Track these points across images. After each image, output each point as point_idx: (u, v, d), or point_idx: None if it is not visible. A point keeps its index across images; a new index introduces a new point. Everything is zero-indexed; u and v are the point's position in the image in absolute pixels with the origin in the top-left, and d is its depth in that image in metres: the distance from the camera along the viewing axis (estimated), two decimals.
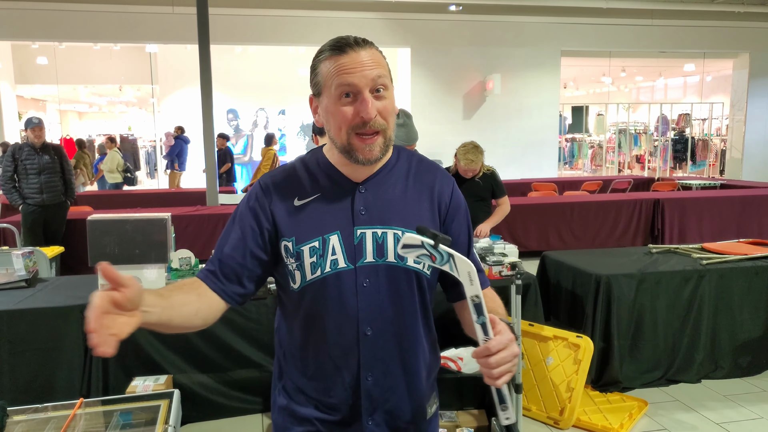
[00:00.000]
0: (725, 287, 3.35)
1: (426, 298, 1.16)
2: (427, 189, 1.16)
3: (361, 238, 1.09)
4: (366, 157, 1.06)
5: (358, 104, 1.03)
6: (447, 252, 0.91)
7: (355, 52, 1.03)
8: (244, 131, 11.39)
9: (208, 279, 1.10)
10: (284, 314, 1.18)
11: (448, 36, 10.39)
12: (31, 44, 10.14)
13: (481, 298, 0.92)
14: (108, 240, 2.68)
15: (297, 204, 1.11)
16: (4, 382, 2.66)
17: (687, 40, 11.23)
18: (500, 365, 0.92)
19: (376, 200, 1.11)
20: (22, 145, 5.12)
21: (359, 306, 1.08)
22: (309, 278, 1.08)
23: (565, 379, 2.87)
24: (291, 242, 1.09)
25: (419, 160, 1.20)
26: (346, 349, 1.10)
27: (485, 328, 0.92)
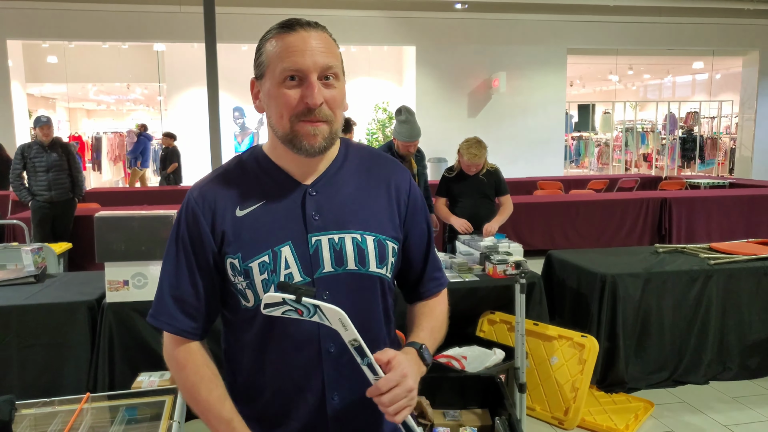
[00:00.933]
0: (733, 287, 3.32)
1: (388, 304, 1.09)
2: (383, 184, 1.06)
3: (317, 246, 0.98)
4: (310, 143, 0.95)
5: (304, 89, 0.93)
6: (312, 304, 0.87)
7: (305, 31, 0.94)
8: (249, 129, 11.42)
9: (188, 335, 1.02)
10: (232, 335, 1.06)
11: (453, 34, 10.36)
12: (42, 43, 10.21)
13: (359, 341, 0.89)
14: (115, 236, 2.70)
15: (239, 214, 0.99)
16: (12, 376, 2.69)
17: (695, 38, 11.14)
18: (394, 402, 0.89)
19: (329, 202, 1.01)
20: (30, 144, 5.17)
21: (320, 323, 0.97)
22: (262, 297, 0.95)
23: (570, 379, 2.86)
24: (237, 259, 0.98)
25: (370, 153, 1.11)
26: (307, 369, 1.00)
27: (372, 368, 0.91)
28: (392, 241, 1.05)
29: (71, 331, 2.75)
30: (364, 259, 1.01)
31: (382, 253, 1.03)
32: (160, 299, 1.03)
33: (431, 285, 1.16)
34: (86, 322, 2.76)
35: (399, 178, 1.09)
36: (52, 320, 2.73)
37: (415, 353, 1.00)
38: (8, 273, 3.20)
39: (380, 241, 1.03)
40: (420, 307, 1.15)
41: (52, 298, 2.82)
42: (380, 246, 1.03)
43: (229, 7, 9.00)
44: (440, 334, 1.12)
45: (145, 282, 2.78)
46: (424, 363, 1.01)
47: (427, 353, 1.02)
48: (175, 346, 1.03)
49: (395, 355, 0.93)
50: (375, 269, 1.02)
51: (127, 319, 2.77)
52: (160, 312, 1.02)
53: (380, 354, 0.92)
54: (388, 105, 11.36)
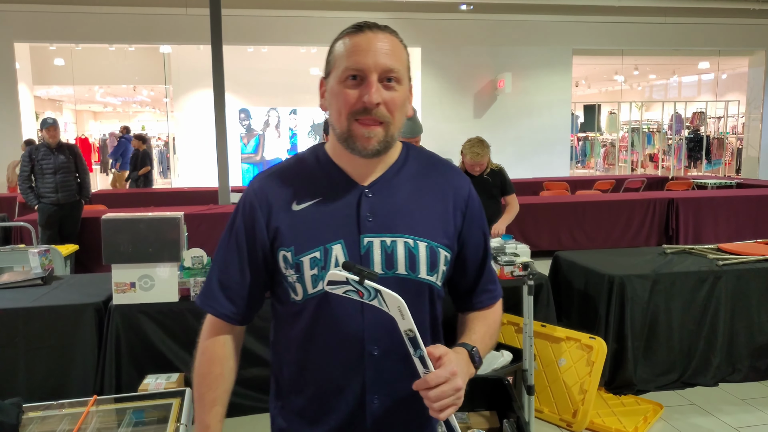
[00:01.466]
0: (742, 288, 3.30)
1: (437, 312, 1.08)
2: (441, 191, 1.05)
3: (368, 247, 0.98)
4: (363, 145, 0.95)
5: (363, 87, 0.94)
6: (374, 288, 0.87)
7: (372, 33, 0.96)
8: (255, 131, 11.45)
9: (227, 319, 1.06)
10: (280, 328, 1.08)
11: (458, 35, 10.35)
12: (49, 46, 10.28)
13: (415, 332, 0.88)
14: (122, 239, 2.71)
15: (295, 209, 1.01)
16: (19, 378, 2.70)
17: (701, 38, 11.08)
18: (440, 399, 0.88)
19: (384, 205, 1.01)
20: (38, 146, 5.20)
21: (365, 324, 0.98)
22: (310, 292, 0.99)
23: (578, 380, 2.84)
24: (290, 252, 0.99)
25: (430, 158, 1.10)
26: (349, 370, 1.00)
27: (424, 361, 0.90)
28: (445, 249, 1.04)
29: (78, 334, 2.75)
30: (415, 264, 1.01)
31: (433, 261, 1.02)
32: (208, 283, 1.07)
33: (484, 297, 1.14)
34: (93, 325, 2.76)
35: (458, 186, 1.08)
36: (59, 322, 2.73)
37: (466, 354, 1.00)
38: (15, 275, 3.21)
39: (432, 248, 1.02)
40: (474, 313, 1.14)
41: (59, 300, 2.83)
42: (432, 253, 1.02)
43: (235, 9, 9.02)
44: (492, 341, 1.11)
45: (152, 284, 2.79)
46: (474, 365, 1.00)
47: (478, 356, 1.02)
48: (209, 331, 1.07)
49: (447, 352, 0.92)
50: (425, 276, 1.01)
51: (134, 321, 2.78)
52: (207, 295, 1.06)
53: (433, 348, 0.92)
54: None
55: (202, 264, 2.99)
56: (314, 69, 11.03)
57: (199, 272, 2.93)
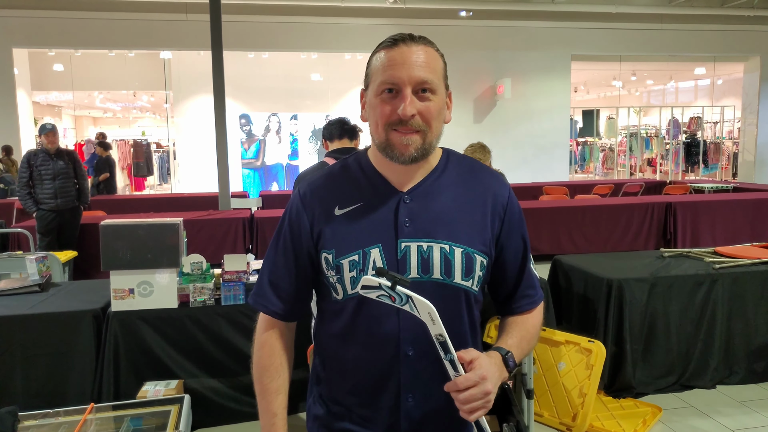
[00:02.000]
0: (739, 291, 3.31)
1: (474, 316, 1.10)
2: (480, 197, 1.07)
3: (405, 251, 1.02)
4: (401, 152, 1.00)
5: (398, 100, 0.98)
6: (405, 294, 0.90)
7: (407, 46, 0.99)
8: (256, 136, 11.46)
9: (277, 316, 1.12)
10: (323, 323, 1.13)
11: (458, 41, 10.40)
12: (48, 52, 10.30)
13: (445, 336, 0.91)
14: (121, 245, 2.70)
15: (338, 213, 1.06)
16: (16, 386, 2.68)
17: (697, 44, 11.15)
18: (469, 402, 0.91)
19: (422, 211, 1.04)
20: (36, 151, 5.19)
21: (400, 326, 1.02)
22: (350, 293, 1.04)
23: (578, 384, 2.84)
24: (331, 255, 1.04)
25: (470, 165, 1.12)
26: (385, 368, 1.04)
27: (454, 364, 0.92)
28: (481, 255, 1.06)
29: (76, 341, 2.74)
30: (450, 270, 1.03)
31: (469, 266, 1.04)
32: (260, 282, 1.13)
33: (524, 302, 1.15)
34: (91, 331, 2.75)
35: (497, 192, 1.09)
36: (57, 329, 2.72)
37: (499, 358, 1.01)
38: (12, 282, 3.20)
39: (468, 253, 1.04)
40: (513, 317, 1.16)
41: (56, 307, 2.82)
42: (468, 259, 1.04)
43: (235, 15, 9.05)
44: (529, 345, 1.12)
45: (151, 290, 2.78)
46: (508, 369, 1.02)
47: (512, 360, 1.03)
48: (264, 326, 1.13)
49: (479, 356, 0.95)
50: (460, 281, 1.04)
51: (133, 327, 2.77)
52: (259, 294, 1.13)
53: (464, 353, 0.94)
54: None
55: (201, 270, 2.99)
56: (315, 75, 11.06)
57: (198, 278, 2.93)
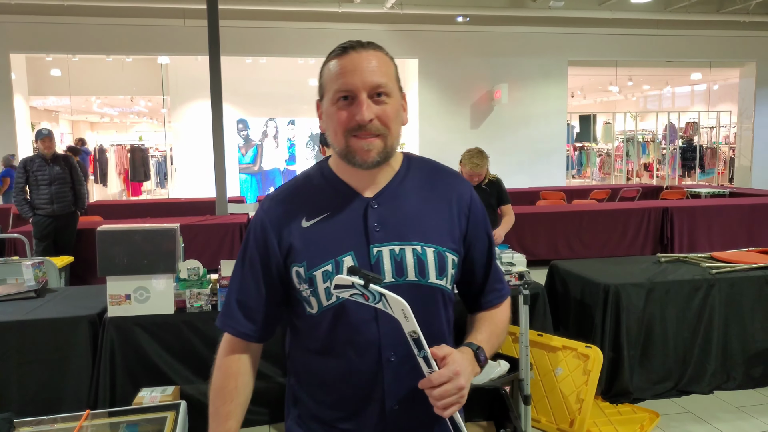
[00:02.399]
0: (736, 296, 3.31)
1: (449, 315, 1.11)
2: (445, 197, 1.09)
3: (378, 256, 1.02)
4: (362, 158, 1.00)
5: (354, 106, 0.99)
6: (378, 292, 0.90)
7: (357, 53, 1.00)
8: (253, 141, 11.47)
9: (247, 338, 1.09)
10: (297, 340, 1.12)
11: (455, 47, 10.44)
12: (45, 57, 10.30)
13: (418, 333, 0.91)
14: (117, 250, 2.70)
15: (306, 225, 1.05)
16: (12, 392, 2.67)
17: (693, 50, 11.23)
18: (443, 398, 0.91)
19: (390, 215, 1.04)
20: (33, 157, 5.18)
21: (380, 331, 1.01)
22: (325, 305, 1.02)
23: (575, 390, 2.84)
24: (302, 267, 1.03)
25: (433, 166, 1.14)
26: (369, 377, 1.03)
27: (428, 361, 0.93)
28: (452, 253, 1.07)
29: (72, 347, 2.73)
30: (424, 270, 1.04)
31: (441, 265, 1.05)
32: (227, 303, 1.11)
33: (492, 296, 1.17)
34: (87, 337, 2.74)
35: (461, 191, 1.11)
36: (53, 335, 2.71)
37: (471, 353, 1.02)
38: (8, 288, 3.19)
39: (440, 252, 1.05)
40: (481, 314, 1.17)
41: (52, 312, 2.80)
42: (440, 258, 1.05)
43: (233, 21, 9.08)
44: (498, 340, 1.14)
45: (147, 296, 2.78)
46: (479, 364, 1.03)
47: (483, 355, 1.04)
48: (226, 348, 1.10)
49: (451, 352, 0.95)
50: (435, 280, 1.04)
51: (129, 333, 2.76)
52: (227, 315, 1.10)
53: (437, 349, 0.95)
54: None
55: (198, 275, 2.98)
56: (312, 80, 11.07)
57: (195, 284, 2.92)
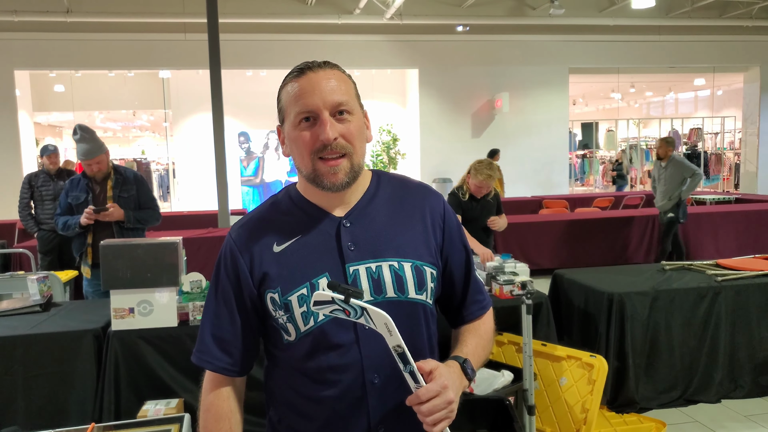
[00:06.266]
0: (742, 304, 3.29)
1: (432, 330, 1.08)
2: (417, 211, 1.07)
3: (355, 275, 0.99)
4: (331, 181, 0.98)
5: (317, 127, 0.97)
6: (360, 306, 0.88)
7: (313, 73, 0.98)
8: (255, 153, 11.52)
9: (226, 372, 1.06)
10: (276, 370, 1.08)
11: (455, 56, 10.49)
12: (49, 73, 10.41)
13: (403, 347, 0.89)
14: (120, 264, 2.71)
15: (277, 250, 1.01)
16: (18, 405, 2.67)
17: (696, 55, 11.23)
18: (432, 413, 0.89)
19: (364, 232, 1.02)
20: (38, 173, 5.22)
21: (362, 353, 0.98)
22: (303, 330, 0.99)
23: (580, 399, 2.81)
24: (277, 293, 1.00)
25: (402, 181, 1.12)
26: (352, 401, 0.99)
27: (414, 376, 0.91)
28: (430, 266, 1.05)
29: (77, 360, 2.74)
30: (403, 285, 1.01)
31: (420, 279, 1.03)
32: (201, 338, 1.07)
33: (474, 308, 1.15)
34: (92, 351, 2.75)
35: (433, 204, 1.09)
36: (58, 349, 2.72)
37: (458, 366, 1.00)
38: (14, 302, 3.20)
39: (418, 267, 1.03)
40: (465, 327, 1.15)
41: (57, 326, 2.81)
42: (418, 272, 1.03)
43: (233, 34, 9.17)
44: (485, 351, 1.12)
45: (151, 309, 2.78)
46: (467, 377, 1.01)
47: (471, 368, 1.02)
48: (209, 385, 1.07)
49: (438, 366, 0.93)
50: (414, 296, 1.02)
51: (133, 346, 2.77)
52: (202, 350, 1.06)
53: (423, 363, 0.92)
54: (392, 127, 11.46)
55: (200, 288, 2.99)
56: None
57: (198, 296, 2.93)
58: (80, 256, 3.56)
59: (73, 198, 3.49)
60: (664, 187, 5.89)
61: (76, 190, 3.51)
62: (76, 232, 3.45)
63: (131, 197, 3.56)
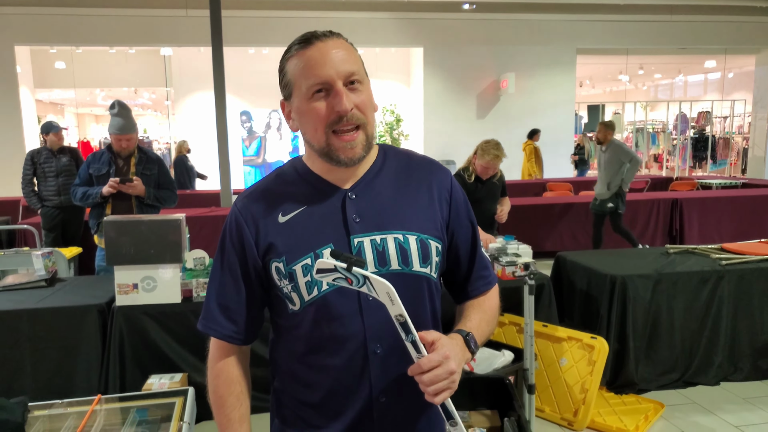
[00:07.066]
0: (745, 288, 3.29)
1: (436, 304, 1.09)
2: (424, 185, 1.07)
3: (359, 247, 0.99)
4: (348, 156, 0.97)
5: (332, 98, 0.95)
6: (362, 274, 0.88)
7: (322, 43, 0.96)
8: (257, 133, 11.47)
9: (231, 340, 1.07)
10: (281, 340, 1.09)
11: (461, 35, 10.35)
12: (49, 49, 10.33)
13: (405, 317, 0.89)
14: (124, 240, 2.72)
15: (282, 220, 1.02)
16: (25, 378, 2.72)
17: (708, 36, 11.03)
18: (434, 383, 0.89)
19: (369, 205, 1.02)
20: (40, 149, 5.22)
21: (365, 323, 0.99)
22: (307, 299, 1.00)
23: (580, 380, 2.84)
24: (281, 263, 1.00)
25: (409, 155, 1.12)
26: (355, 371, 1.01)
27: (416, 345, 0.91)
28: (435, 240, 1.05)
29: (82, 334, 2.77)
30: (407, 258, 1.01)
31: (425, 253, 1.03)
32: (207, 306, 1.08)
33: (479, 284, 1.15)
34: (97, 326, 2.78)
35: (440, 178, 1.09)
36: (63, 323, 2.75)
37: (460, 339, 1.01)
38: (19, 277, 3.23)
39: (423, 240, 1.03)
40: (469, 302, 1.15)
41: (62, 301, 2.85)
42: (423, 245, 1.03)
43: (235, 11, 9.05)
44: (489, 327, 1.11)
45: (155, 285, 2.80)
46: (470, 350, 1.01)
47: (473, 341, 1.02)
48: (217, 353, 1.08)
49: (440, 337, 0.93)
50: (419, 269, 1.02)
51: (137, 322, 2.79)
52: (207, 318, 1.08)
53: (425, 333, 0.93)
54: (396, 107, 11.37)
55: (204, 265, 3.00)
56: None
57: (202, 273, 2.94)
58: (97, 225, 3.65)
59: (95, 170, 3.59)
60: (603, 173, 5.77)
61: (98, 162, 3.62)
62: (95, 202, 3.54)
63: (152, 176, 3.68)
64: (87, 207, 3.65)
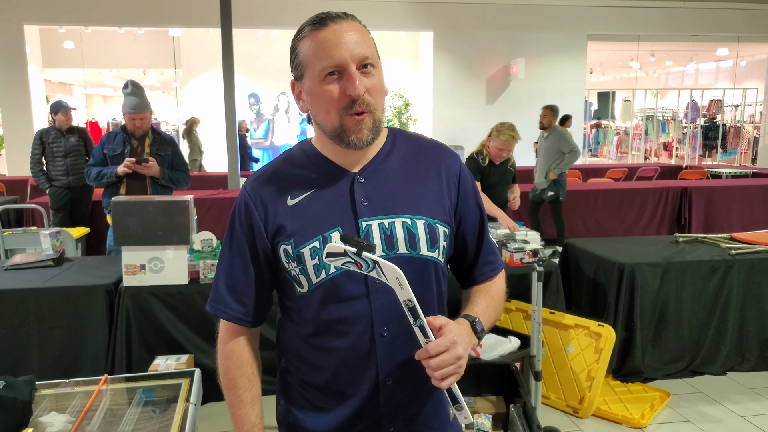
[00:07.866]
0: (754, 278, 3.26)
1: (442, 289, 1.08)
2: (432, 169, 1.06)
3: (367, 230, 0.99)
4: (357, 137, 0.97)
5: (345, 81, 0.94)
6: (372, 259, 0.87)
7: (337, 24, 0.95)
8: (265, 115, 11.43)
9: (240, 322, 1.07)
10: (288, 322, 1.10)
11: (471, 19, 10.22)
12: (59, 29, 10.28)
13: (414, 301, 0.89)
14: (132, 221, 2.72)
15: (291, 203, 1.02)
16: (32, 357, 2.74)
17: (720, 23, 10.84)
18: (441, 368, 0.89)
19: (377, 188, 1.02)
20: (48, 129, 5.23)
21: (372, 306, 0.99)
22: (315, 282, 1.00)
23: (586, 368, 2.83)
24: (290, 245, 1.01)
25: (418, 139, 1.11)
26: (361, 354, 1.01)
27: (424, 330, 0.91)
28: (443, 224, 1.05)
29: (89, 314, 2.79)
30: (415, 242, 1.01)
31: (432, 237, 1.03)
32: (216, 288, 1.09)
33: (486, 269, 1.15)
34: (104, 306, 2.79)
35: (449, 163, 1.08)
36: (71, 303, 2.77)
37: (468, 324, 1.01)
38: (27, 256, 3.24)
39: (431, 224, 1.03)
40: (476, 287, 1.15)
41: (70, 281, 2.86)
42: (431, 230, 1.03)
43: None
44: (496, 312, 1.12)
45: (162, 266, 2.81)
46: (476, 335, 1.01)
47: (480, 326, 1.02)
48: (226, 335, 1.09)
49: (447, 323, 0.93)
50: (426, 253, 1.02)
51: (144, 302, 2.80)
52: (216, 300, 1.08)
53: (433, 318, 0.93)
54: (404, 91, 11.29)
55: (212, 247, 3.00)
56: None
57: (209, 255, 2.94)
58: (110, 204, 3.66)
59: (109, 150, 3.60)
60: (542, 160, 5.67)
61: (112, 143, 3.62)
62: (110, 181, 3.56)
63: (167, 157, 3.69)
64: (101, 187, 3.67)
